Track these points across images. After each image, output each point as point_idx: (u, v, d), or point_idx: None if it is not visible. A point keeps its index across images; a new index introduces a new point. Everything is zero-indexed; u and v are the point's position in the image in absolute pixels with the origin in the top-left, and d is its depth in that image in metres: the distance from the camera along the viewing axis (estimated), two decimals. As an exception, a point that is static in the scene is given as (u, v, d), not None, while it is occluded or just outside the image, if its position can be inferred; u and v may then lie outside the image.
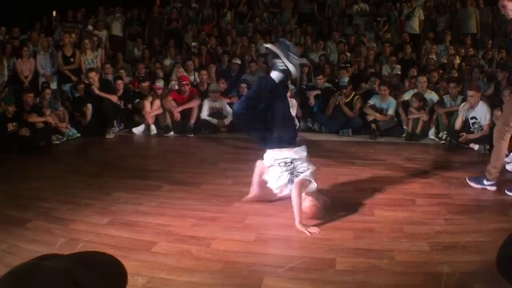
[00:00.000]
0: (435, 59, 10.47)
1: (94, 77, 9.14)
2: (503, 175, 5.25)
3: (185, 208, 4.54)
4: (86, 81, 9.52)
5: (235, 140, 8.53)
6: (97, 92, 8.95)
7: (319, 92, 9.59)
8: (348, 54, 11.27)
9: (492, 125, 7.19)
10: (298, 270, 3.15)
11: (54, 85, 10.15)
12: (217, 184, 5.37)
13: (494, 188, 4.98)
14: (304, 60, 11.00)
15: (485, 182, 5.03)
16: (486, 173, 5.01)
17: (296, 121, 9.16)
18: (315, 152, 7.17)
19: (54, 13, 12.96)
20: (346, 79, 9.35)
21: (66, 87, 10.30)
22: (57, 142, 8.26)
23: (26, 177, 5.99)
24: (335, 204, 4.57)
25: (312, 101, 9.51)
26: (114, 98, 9.14)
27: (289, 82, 9.78)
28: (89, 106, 9.01)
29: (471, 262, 3.20)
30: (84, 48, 10.50)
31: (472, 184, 5.13)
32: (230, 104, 9.39)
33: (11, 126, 7.54)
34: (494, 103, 7.67)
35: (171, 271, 3.18)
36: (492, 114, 7.25)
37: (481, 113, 7.33)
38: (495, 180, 4.98)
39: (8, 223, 4.13)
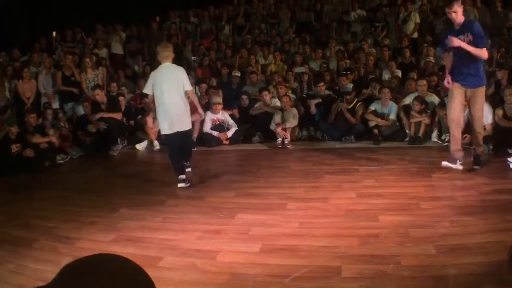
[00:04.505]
0: (433, 61, 10.45)
1: (100, 93, 9.19)
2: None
3: (189, 222, 4.55)
4: (92, 97, 9.60)
5: (238, 153, 8.56)
6: (103, 115, 9.00)
7: (320, 100, 9.60)
8: (347, 61, 11.30)
9: (494, 124, 7.19)
10: (304, 279, 3.14)
11: (56, 105, 10.19)
12: (220, 197, 5.38)
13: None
14: (302, 69, 11.04)
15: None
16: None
17: (298, 130, 9.20)
18: (318, 160, 7.22)
19: (54, 33, 13.05)
20: (350, 86, 9.38)
21: (68, 106, 10.34)
22: (61, 161, 8.30)
23: (32, 197, 6.03)
24: (339, 211, 4.59)
25: (313, 109, 9.52)
26: (119, 116, 9.18)
27: (289, 91, 9.85)
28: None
29: (477, 263, 3.18)
30: (85, 67, 10.54)
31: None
32: (231, 116, 9.41)
33: (15, 148, 7.58)
34: (496, 102, 7.66)
35: (177, 285, 3.18)
36: (494, 114, 7.24)
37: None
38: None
39: (14, 243, 4.15)
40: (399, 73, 10.25)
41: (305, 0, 14.14)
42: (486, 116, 7.25)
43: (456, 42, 5.54)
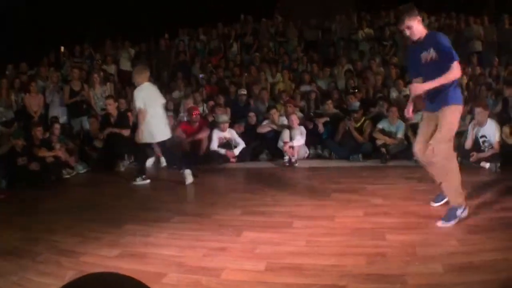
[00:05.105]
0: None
1: (112, 103, 9.22)
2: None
3: (195, 238, 4.51)
4: (100, 114, 9.67)
5: (245, 170, 8.54)
6: (111, 130, 9.03)
7: (327, 118, 9.60)
8: (356, 79, 11.31)
9: (502, 142, 7.16)
10: (309, 298, 3.10)
11: (63, 119, 10.26)
12: (226, 215, 5.34)
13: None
14: (308, 87, 11.05)
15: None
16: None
17: (306, 149, 9.16)
18: (325, 179, 7.18)
19: (62, 48, 13.19)
20: (357, 104, 9.38)
21: (76, 121, 10.40)
22: (68, 176, 8.36)
23: (37, 211, 6.08)
24: (346, 229, 4.55)
25: (321, 128, 9.50)
26: (127, 132, 9.19)
27: (297, 109, 9.84)
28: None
29: (485, 281, 3.13)
30: (93, 82, 10.61)
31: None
32: (238, 134, 9.42)
33: (21, 161, 7.63)
34: (503, 119, 7.66)
35: (181, 302, 3.14)
36: (501, 131, 7.23)
37: (490, 131, 7.30)
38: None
39: (19, 255, 4.16)
40: (407, 91, 10.22)
41: (313, 18, 14.23)
42: (493, 134, 7.25)
43: (419, 89, 4.60)
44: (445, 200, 4.99)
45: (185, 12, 16.44)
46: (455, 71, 4.41)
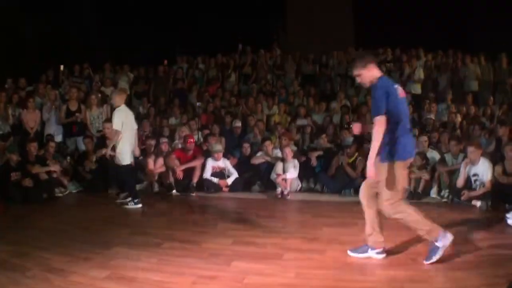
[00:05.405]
0: (433, 118, 10.56)
1: (110, 127, 9.21)
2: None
3: (184, 265, 4.51)
4: (95, 135, 9.81)
5: (237, 200, 8.54)
6: (107, 152, 9.04)
7: (321, 152, 9.64)
8: (351, 115, 11.38)
9: (494, 181, 7.22)
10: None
11: (59, 138, 10.29)
12: (217, 243, 5.34)
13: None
14: (305, 121, 11.11)
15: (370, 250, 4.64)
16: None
17: (298, 182, 9.17)
18: (317, 212, 7.20)
19: (61, 67, 13.24)
20: (351, 139, 9.42)
21: (71, 141, 10.42)
22: (60, 194, 8.39)
23: (29, 227, 6.12)
24: (337, 263, 4.55)
25: (314, 161, 9.53)
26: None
27: (291, 142, 9.86)
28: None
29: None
30: (90, 103, 10.66)
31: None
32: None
33: (14, 176, 7.66)
34: (496, 159, 7.73)
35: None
36: (494, 170, 7.30)
37: (483, 169, 7.35)
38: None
39: (9, 270, 4.21)
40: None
41: (311, 53, 14.39)
42: (485, 172, 7.31)
43: (372, 171, 4.46)
44: (361, 255, 4.76)
45: (185, 40, 16.65)
46: (376, 127, 4.33)
